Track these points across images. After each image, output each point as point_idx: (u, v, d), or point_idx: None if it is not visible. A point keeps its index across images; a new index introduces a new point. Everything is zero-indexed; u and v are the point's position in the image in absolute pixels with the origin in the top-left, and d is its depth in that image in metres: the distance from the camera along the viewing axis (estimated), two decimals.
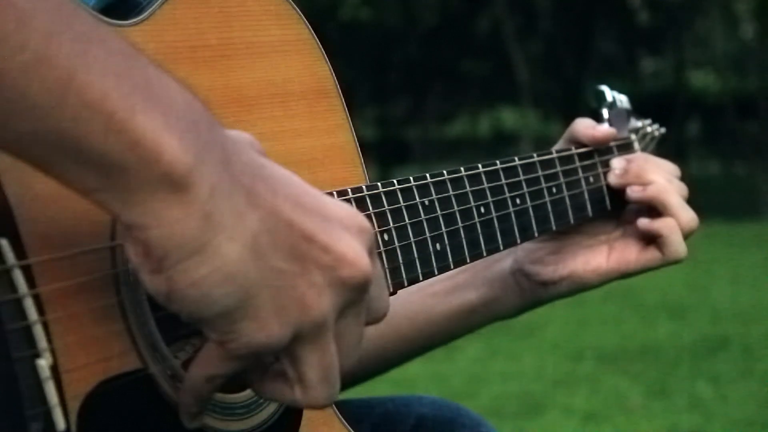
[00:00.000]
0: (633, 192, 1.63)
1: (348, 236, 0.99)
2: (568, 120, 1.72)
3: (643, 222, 1.63)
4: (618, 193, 1.66)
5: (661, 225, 1.62)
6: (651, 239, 1.63)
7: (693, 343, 7.32)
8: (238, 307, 0.94)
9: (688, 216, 1.62)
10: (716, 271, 10.35)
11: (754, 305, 8.58)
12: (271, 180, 0.97)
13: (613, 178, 1.65)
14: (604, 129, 1.67)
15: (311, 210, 0.98)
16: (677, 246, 1.61)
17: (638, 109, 1.82)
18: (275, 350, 0.98)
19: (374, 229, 1.19)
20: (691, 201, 1.67)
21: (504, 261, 1.67)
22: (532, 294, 1.66)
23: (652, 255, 1.63)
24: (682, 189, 1.65)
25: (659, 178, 1.63)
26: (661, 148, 1.83)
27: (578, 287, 1.65)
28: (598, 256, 1.64)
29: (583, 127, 1.67)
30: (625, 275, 1.65)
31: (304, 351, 0.99)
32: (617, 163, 1.66)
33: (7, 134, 0.88)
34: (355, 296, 0.99)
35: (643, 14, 24.54)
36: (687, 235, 1.64)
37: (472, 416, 1.62)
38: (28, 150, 0.89)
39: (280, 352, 0.99)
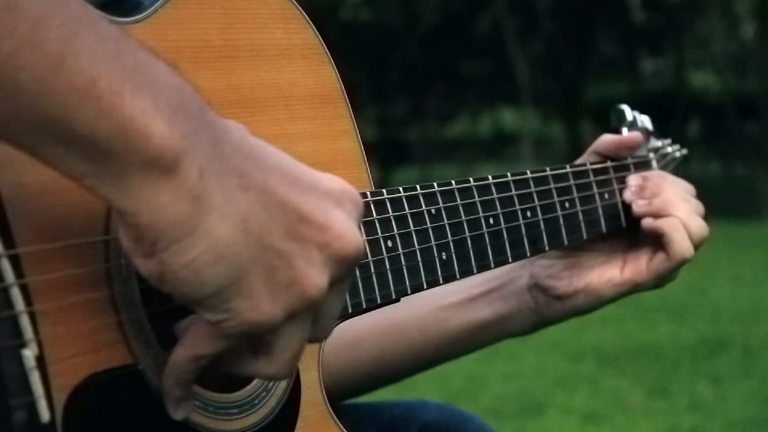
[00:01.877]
0: (638, 207, 1.63)
1: (342, 212, 1.00)
2: (568, 120, 1.72)
3: (647, 221, 1.62)
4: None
5: (663, 222, 1.61)
6: (658, 244, 1.62)
7: (693, 343, 7.32)
8: (230, 286, 0.95)
9: (696, 223, 1.62)
10: (716, 271, 10.34)
11: (754, 305, 8.58)
12: (263, 160, 0.98)
13: (628, 195, 1.65)
14: (632, 134, 1.67)
15: (305, 188, 0.99)
16: (681, 243, 1.60)
17: (638, 110, 1.81)
18: (267, 329, 0.98)
19: (365, 198, 1.20)
20: None
21: (520, 278, 1.67)
22: (547, 309, 1.65)
23: (659, 259, 1.62)
24: (698, 208, 1.64)
25: (674, 196, 1.62)
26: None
27: (593, 300, 1.64)
28: (613, 268, 1.65)
29: (608, 138, 1.68)
30: (639, 286, 1.65)
31: (289, 331, 1.00)
32: (633, 180, 1.67)
33: None
34: (347, 271, 1.01)
35: (643, 14, 24.55)
36: (696, 244, 1.63)
37: (477, 423, 1.62)
38: (18, 135, 0.89)
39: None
